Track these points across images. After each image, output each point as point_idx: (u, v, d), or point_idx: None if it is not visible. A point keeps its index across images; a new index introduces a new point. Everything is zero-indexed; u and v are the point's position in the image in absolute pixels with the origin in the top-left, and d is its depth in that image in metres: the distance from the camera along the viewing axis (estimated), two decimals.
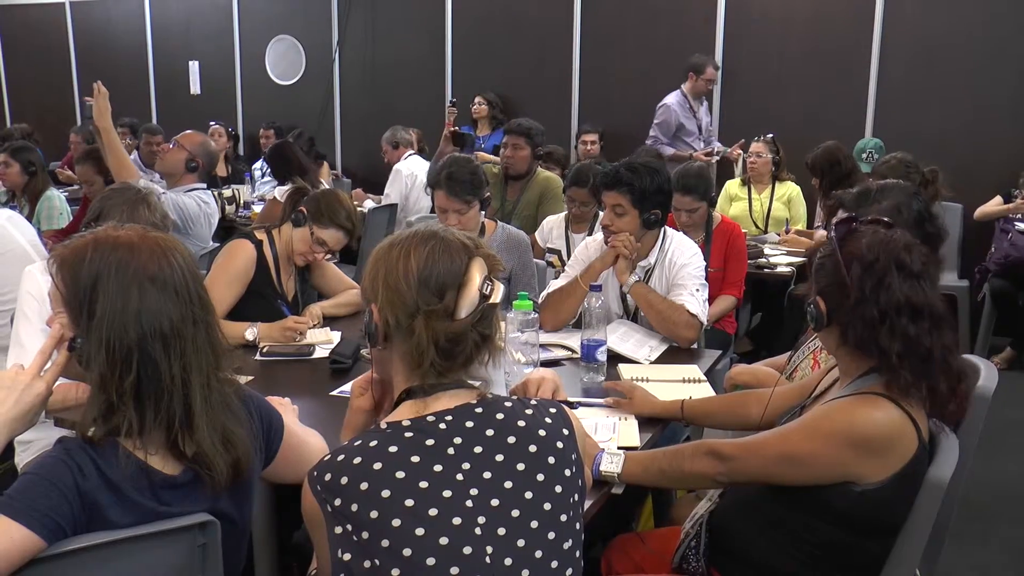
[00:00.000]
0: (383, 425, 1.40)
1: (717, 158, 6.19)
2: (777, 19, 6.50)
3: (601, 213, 4.17)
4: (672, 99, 6.20)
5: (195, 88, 9.01)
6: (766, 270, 4.59)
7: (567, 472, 1.42)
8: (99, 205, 2.63)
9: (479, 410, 1.42)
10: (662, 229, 3.09)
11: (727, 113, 6.71)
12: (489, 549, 1.32)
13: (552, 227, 4.30)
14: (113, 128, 4.11)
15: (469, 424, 1.39)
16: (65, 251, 1.45)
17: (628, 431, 2.18)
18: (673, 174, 3.47)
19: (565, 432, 1.46)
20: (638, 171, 2.95)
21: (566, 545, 1.39)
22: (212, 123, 7.81)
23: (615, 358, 2.73)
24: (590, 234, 3.99)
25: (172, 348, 1.42)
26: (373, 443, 1.35)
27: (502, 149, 4.97)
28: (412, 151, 6.37)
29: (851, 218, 1.84)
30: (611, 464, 1.91)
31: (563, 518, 1.39)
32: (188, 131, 4.46)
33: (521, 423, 1.42)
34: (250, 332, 2.88)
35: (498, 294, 1.44)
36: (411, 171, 6.01)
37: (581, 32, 7.14)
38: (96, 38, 9.38)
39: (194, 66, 8.97)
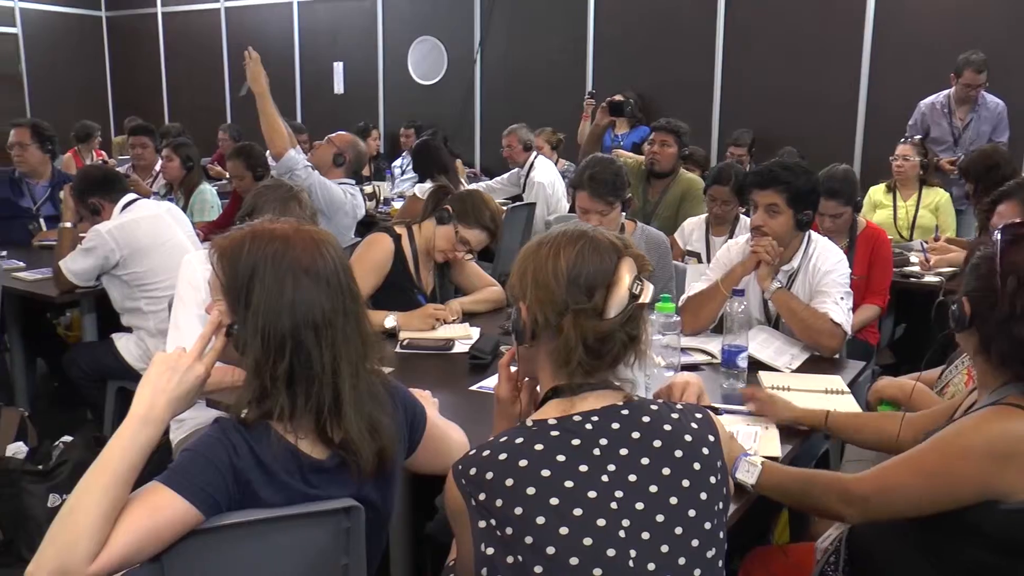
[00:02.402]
0: (529, 423, 1.40)
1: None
2: (927, 13, 6.21)
3: (743, 216, 4.12)
4: (927, 100, 5.77)
5: (339, 88, 9.31)
6: (912, 279, 4.38)
7: (712, 479, 1.40)
8: (252, 200, 2.72)
9: (625, 412, 1.40)
10: (807, 233, 3.01)
11: (874, 113, 6.46)
12: (632, 553, 1.30)
13: (692, 229, 4.24)
14: (268, 93, 4.20)
15: (615, 426, 1.38)
16: (224, 242, 1.51)
17: (769, 441, 2.13)
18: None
19: (711, 438, 1.43)
20: (793, 170, 2.88)
21: (709, 554, 1.37)
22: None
23: (755, 365, 2.65)
24: (731, 237, 3.91)
25: (323, 337, 1.46)
26: (519, 440, 1.36)
27: (648, 145, 4.95)
28: (536, 153, 6.40)
29: (1020, 224, 1.72)
30: (747, 474, 1.85)
31: (707, 526, 1.37)
32: (340, 132, 4.63)
33: (667, 427, 1.40)
34: (389, 320, 2.95)
35: (647, 295, 1.43)
36: (545, 178, 6.04)
37: (724, 32, 7.02)
38: (247, 41, 9.72)
39: (338, 67, 9.27)
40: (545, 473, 1.32)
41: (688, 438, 1.40)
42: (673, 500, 1.35)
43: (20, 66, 10.41)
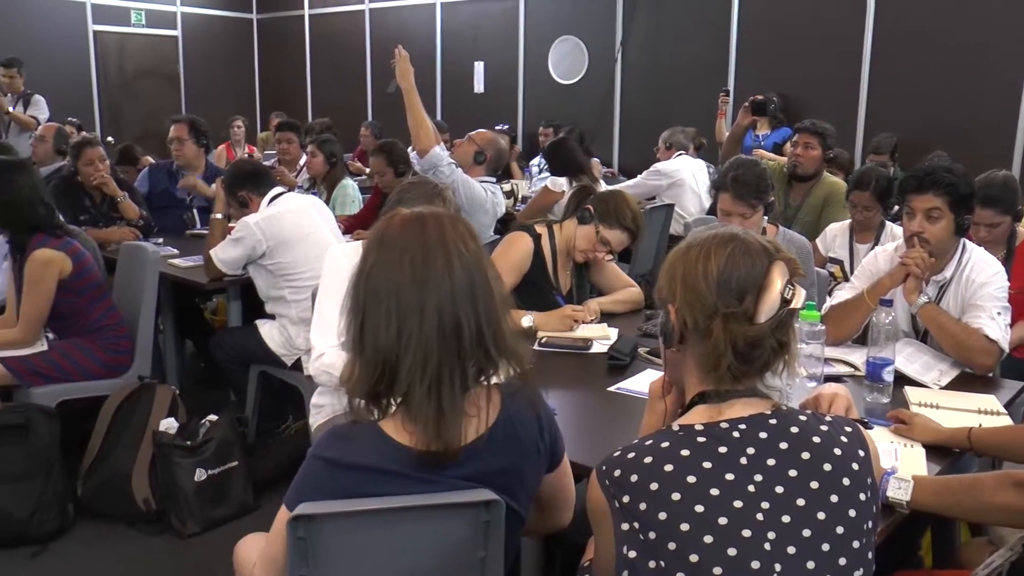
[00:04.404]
0: (675, 427, 1.38)
1: None
2: None
3: (889, 223, 3.95)
4: None
5: (479, 87, 9.44)
6: None
7: (861, 496, 1.34)
8: (398, 196, 2.77)
9: (773, 421, 1.37)
10: (962, 241, 2.85)
11: None
12: (777, 567, 1.27)
13: (835, 235, 4.08)
14: (415, 89, 4.27)
15: (763, 435, 1.35)
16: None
17: (914, 460, 2.02)
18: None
19: (861, 453, 1.38)
20: (955, 172, 2.73)
21: (856, 574, 1.31)
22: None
23: (901, 379, 2.53)
24: (876, 244, 3.75)
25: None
26: (664, 444, 1.34)
27: (791, 147, 4.81)
28: (684, 152, 6.28)
29: None
30: (898, 490, 1.77)
31: (855, 544, 1.32)
32: (481, 129, 4.68)
33: (816, 439, 1.36)
34: (527, 319, 2.96)
35: (799, 299, 1.39)
36: (672, 169, 5.89)
37: (874, 32, 6.77)
38: (390, 41, 9.99)
39: (479, 66, 9.39)
40: (691, 479, 1.30)
41: (837, 452, 1.35)
42: (820, 515, 1.31)
43: (178, 66, 11.03)
